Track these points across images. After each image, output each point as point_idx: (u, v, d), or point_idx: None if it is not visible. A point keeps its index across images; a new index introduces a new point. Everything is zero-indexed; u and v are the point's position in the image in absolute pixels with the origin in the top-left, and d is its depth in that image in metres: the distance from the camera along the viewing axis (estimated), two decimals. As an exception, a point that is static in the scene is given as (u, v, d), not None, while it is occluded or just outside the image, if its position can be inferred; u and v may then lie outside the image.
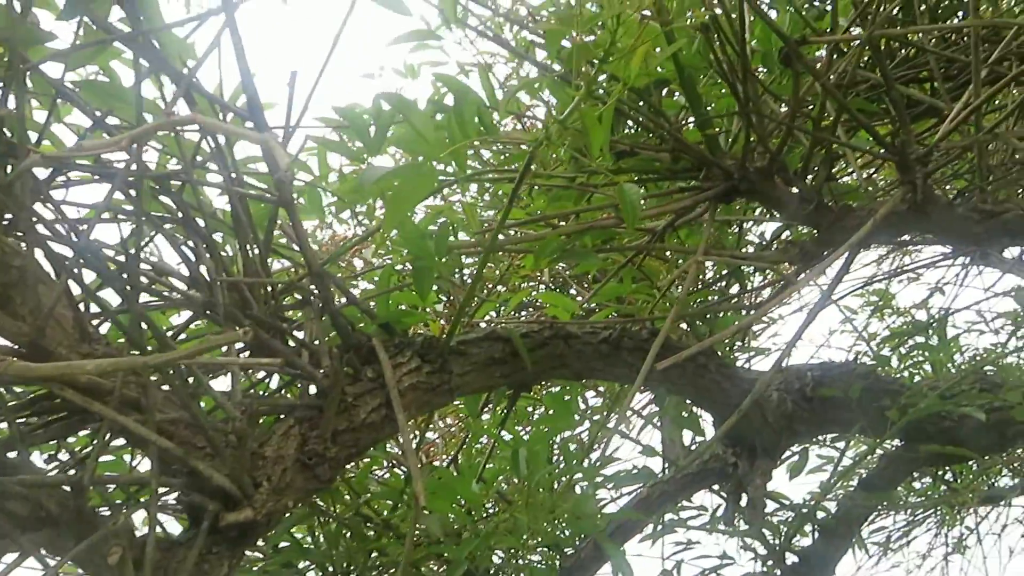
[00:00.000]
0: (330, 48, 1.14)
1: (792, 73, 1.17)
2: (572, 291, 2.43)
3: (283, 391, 1.32)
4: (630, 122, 1.45)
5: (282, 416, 1.15)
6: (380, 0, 0.89)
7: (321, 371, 1.17)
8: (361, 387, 1.22)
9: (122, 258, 0.95)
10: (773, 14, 1.54)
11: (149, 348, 0.99)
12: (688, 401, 1.99)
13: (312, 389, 1.18)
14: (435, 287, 1.97)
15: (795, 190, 1.26)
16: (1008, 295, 2.40)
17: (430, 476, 1.60)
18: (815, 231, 1.27)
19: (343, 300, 1.37)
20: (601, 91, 1.29)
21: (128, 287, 0.91)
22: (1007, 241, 1.22)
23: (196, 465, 0.94)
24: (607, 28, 0.86)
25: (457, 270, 1.99)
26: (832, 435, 2.43)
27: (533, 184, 1.41)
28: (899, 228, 1.24)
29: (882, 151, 1.17)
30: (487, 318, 1.78)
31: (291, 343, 1.26)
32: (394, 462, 1.70)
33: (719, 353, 2.04)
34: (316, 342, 1.25)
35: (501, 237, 1.40)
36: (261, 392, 1.38)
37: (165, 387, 1.02)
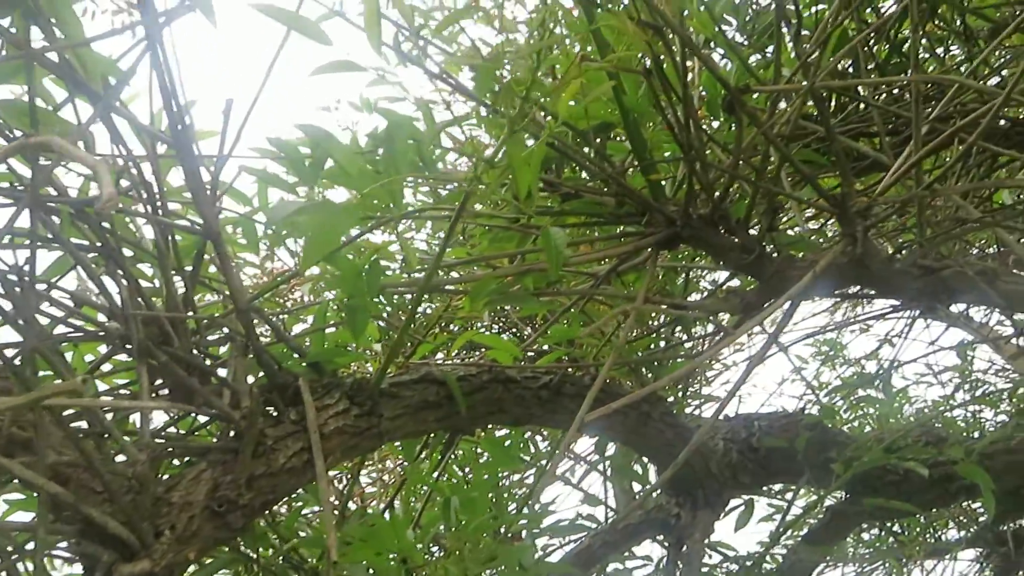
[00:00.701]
0: (264, 77, 1.10)
1: (736, 121, 1.16)
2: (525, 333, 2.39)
3: (196, 432, 1.25)
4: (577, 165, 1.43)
5: (194, 459, 1.09)
6: (302, 30, 0.85)
7: (239, 412, 1.11)
8: (283, 430, 1.16)
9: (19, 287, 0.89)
10: (727, 61, 1.54)
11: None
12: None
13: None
14: (382, 325, 1.92)
15: (737, 239, 1.24)
16: (953, 349, 2.42)
17: (360, 523, 1.53)
18: (757, 281, 1.25)
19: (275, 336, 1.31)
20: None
21: (23, 318, 0.85)
22: (946, 298, 1.21)
23: (89, 512, 0.88)
24: (528, 66, 0.83)
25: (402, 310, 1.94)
26: (779, 486, 2.41)
27: (477, 224, 1.38)
28: (841, 281, 1.22)
29: (823, 203, 1.15)
30: (436, 358, 1.74)
31: (215, 381, 1.20)
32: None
33: (668, 400, 2.02)
34: (241, 380, 1.19)
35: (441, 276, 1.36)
36: (179, 432, 1.31)
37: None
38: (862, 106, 1.71)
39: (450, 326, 1.77)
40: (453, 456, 2.06)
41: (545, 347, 1.83)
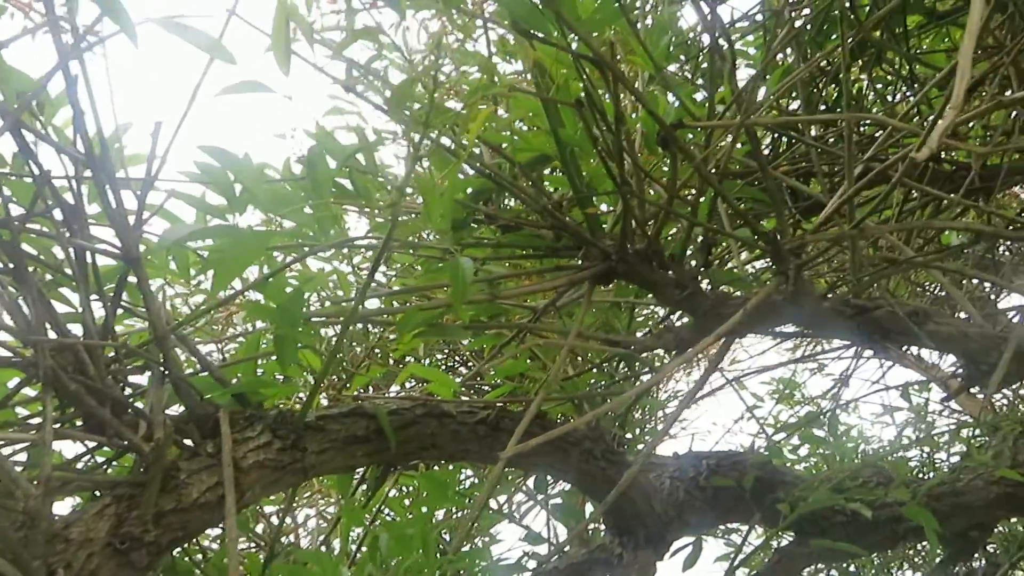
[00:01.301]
0: (189, 100, 1.07)
1: (670, 156, 1.15)
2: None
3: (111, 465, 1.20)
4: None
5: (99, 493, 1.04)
6: (204, 48, 0.83)
7: (150, 444, 1.06)
8: (198, 463, 1.12)
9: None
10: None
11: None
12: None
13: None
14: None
15: (672, 275, 1.22)
16: (897, 389, 2.42)
17: (288, 561, 1.48)
18: (693, 318, 1.24)
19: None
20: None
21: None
22: (879, 338, 1.20)
23: (-30, 549, 0.83)
24: (427, 88, 0.81)
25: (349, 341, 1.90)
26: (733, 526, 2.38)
27: (414, 254, 1.36)
28: (775, 319, 1.21)
29: (757, 240, 1.15)
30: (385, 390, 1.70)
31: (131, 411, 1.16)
32: (255, 542, 1.58)
33: (620, 437, 1.99)
34: (158, 411, 1.15)
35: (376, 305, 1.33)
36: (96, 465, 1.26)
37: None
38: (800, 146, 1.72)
39: (395, 359, 1.74)
40: (402, 490, 2.02)
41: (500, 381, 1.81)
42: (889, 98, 2.27)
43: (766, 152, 1.70)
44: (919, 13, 2.21)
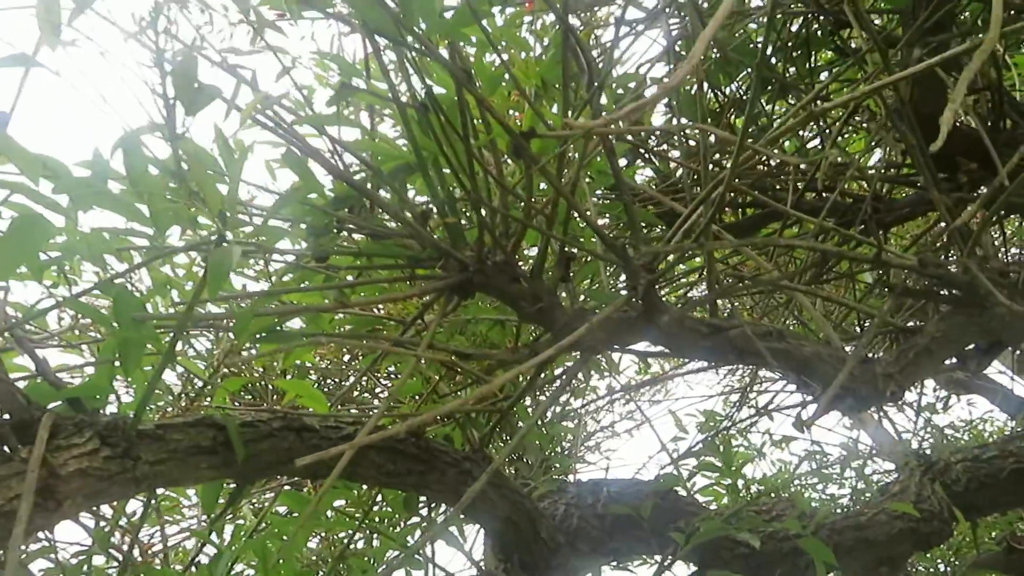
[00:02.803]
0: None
1: (524, 166, 1.13)
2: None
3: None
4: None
5: None
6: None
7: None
8: (10, 468, 1.05)
9: None
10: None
11: None
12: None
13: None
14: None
15: (529, 288, 1.19)
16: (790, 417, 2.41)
17: (136, 580, 1.40)
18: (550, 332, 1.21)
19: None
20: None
21: None
22: (733, 358, 1.18)
23: None
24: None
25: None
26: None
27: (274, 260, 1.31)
28: (631, 336, 1.19)
29: (609, 254, 1.13)
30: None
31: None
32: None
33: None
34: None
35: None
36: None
37: None
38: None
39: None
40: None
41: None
42: (801, 132, 2.29)
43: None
44: (827, 48, 2.25)
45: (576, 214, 1.11)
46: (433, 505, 1.93)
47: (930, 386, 4.39)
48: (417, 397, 1.72)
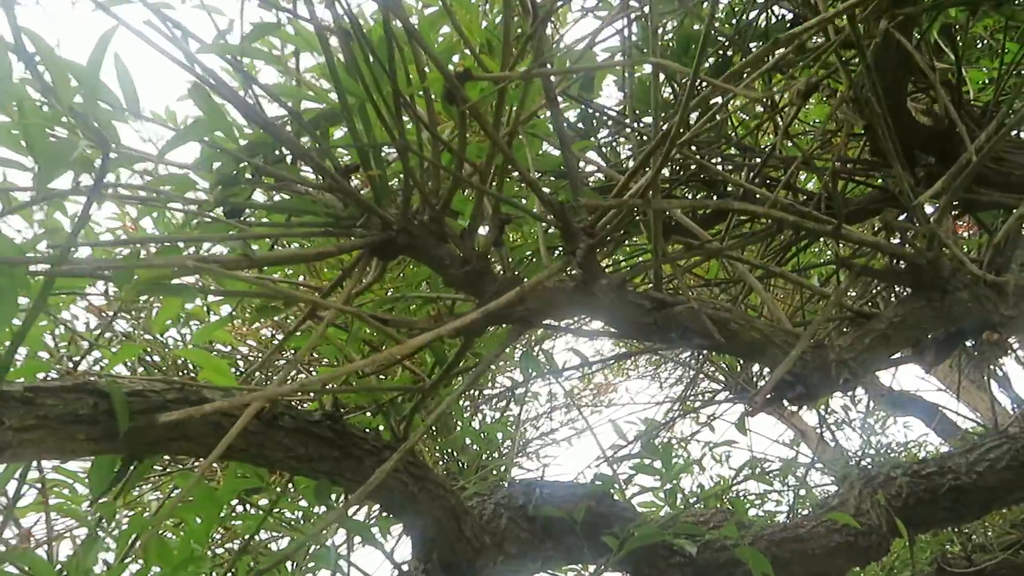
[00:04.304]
0: None
1: (458, 113, 1.01)
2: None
3: None
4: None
5: None
6: None
7: None
8: None
9: None
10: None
11: None
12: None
13: None
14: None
15: (459, 252, 1.08)
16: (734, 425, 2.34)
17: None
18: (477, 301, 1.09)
19: None
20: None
21: None
22: (678, 338, 1.08)
23: None
24: None
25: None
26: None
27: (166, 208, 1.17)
28: (568, 308, 1.08)
29: (548, 215, 1.02)
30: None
31: None
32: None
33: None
34: None
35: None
36: None
37: None
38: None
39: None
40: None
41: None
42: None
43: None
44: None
45: (513, 170, 1.00)
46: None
47: (869, 405, 4.40)
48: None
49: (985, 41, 3.07)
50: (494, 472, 3.07)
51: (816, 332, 1.06)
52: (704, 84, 1.51)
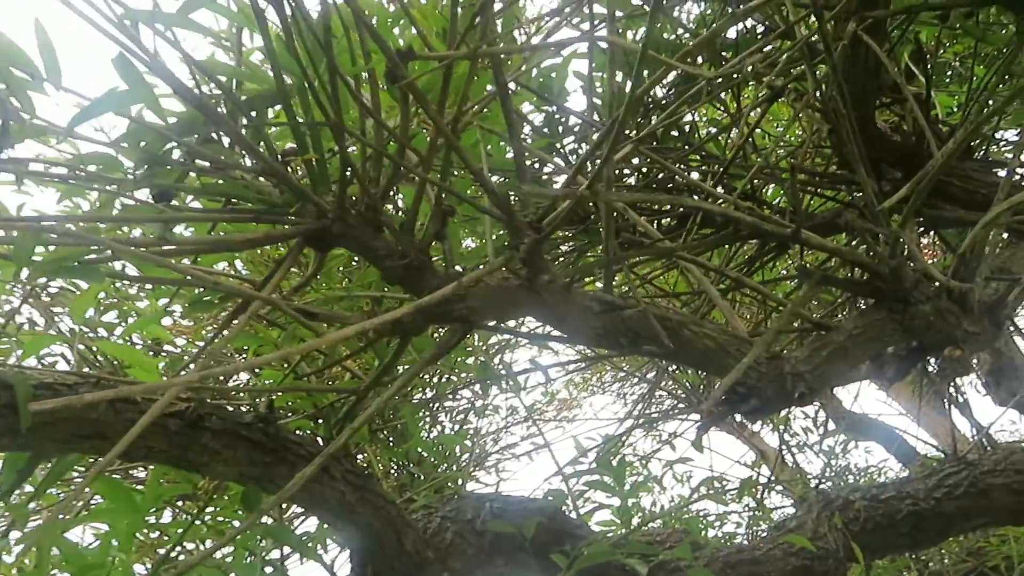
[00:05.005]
0: None
1: (400, 93, 0.95)
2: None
3: None
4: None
5: None
6: None
7: None
8: None
9: None
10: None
11: None
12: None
13: None
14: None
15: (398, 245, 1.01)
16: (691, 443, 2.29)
17: None
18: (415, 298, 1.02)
19: None
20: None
21: None
22: (626, 344, 1.02)
23: None
24: None
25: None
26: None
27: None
28: (514, 308, 1.01)
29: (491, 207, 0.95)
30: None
31: None
32: None
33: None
34: None
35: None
36: None
37: None
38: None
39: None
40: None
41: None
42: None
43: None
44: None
45: (458, 159, 0.93)
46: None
47: (830, 428, 4.38)
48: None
49: (955, 66, 3.08)
50: (449, 485, 2.99)
51: (773, 343, 1.00)
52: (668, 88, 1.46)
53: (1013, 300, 1.01)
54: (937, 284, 1.01)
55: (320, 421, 1.55)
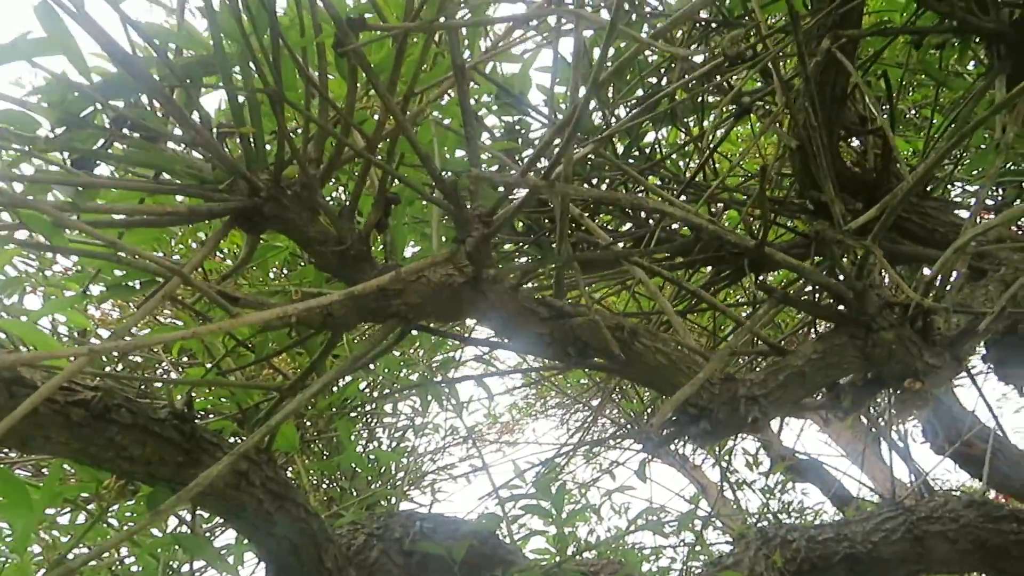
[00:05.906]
0: None
1: (347, 66, 0.87)
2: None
3: None
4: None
5: None
6: None
7: None
8: None
9: None
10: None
11: None
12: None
13: None
14: None
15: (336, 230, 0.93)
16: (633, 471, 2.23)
17: None
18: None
19: None
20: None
21: None
22: (574, 355, 0.95)
23: None
24: None
25: None
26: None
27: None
28: (457, 308, 0.94)
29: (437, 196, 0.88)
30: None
31: None
32: None
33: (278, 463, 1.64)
34: None
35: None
36: None
37: None
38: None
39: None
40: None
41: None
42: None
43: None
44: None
45: (406, 140, 0.86)
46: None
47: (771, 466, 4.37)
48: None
49: (911, 117, 3.12)
50: (381, 503, 2.88)
51: (727, 362, 0.95)
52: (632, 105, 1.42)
53: (977, 336, 0.98)
54: (897, 313, 0.97)
55: (243, 425, 1.46)
